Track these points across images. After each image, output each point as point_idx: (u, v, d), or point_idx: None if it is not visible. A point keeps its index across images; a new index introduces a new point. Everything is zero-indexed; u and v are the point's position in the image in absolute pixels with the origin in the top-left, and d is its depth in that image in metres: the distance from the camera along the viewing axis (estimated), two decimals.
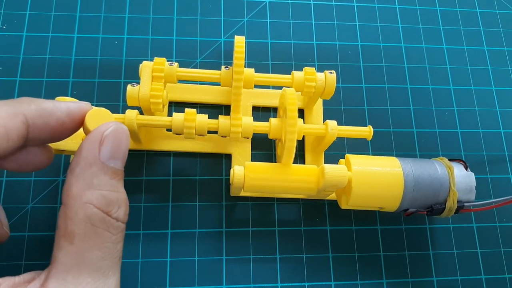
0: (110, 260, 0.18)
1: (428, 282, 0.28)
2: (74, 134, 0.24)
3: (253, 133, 0.26)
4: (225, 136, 0.26)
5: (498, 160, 0.32)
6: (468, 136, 0.32)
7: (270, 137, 0.26)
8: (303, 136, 0.31)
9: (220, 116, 0.26)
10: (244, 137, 0.26)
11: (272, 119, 0.26)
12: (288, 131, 0.23)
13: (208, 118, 0.26)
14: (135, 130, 0.25)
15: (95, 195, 0.18)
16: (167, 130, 0.29)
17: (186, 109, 0.25)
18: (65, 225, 0.18)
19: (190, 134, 0.25)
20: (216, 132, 0.26)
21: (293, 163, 0.29)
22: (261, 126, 0.26)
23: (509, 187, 0.31)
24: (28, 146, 0.20)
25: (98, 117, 0.20)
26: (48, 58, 0.30)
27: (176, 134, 0.26)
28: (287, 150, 0.24)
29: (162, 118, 0.26)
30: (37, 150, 0.21)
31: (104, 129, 0.19)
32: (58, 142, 0.25)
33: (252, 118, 0.26)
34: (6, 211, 0.23)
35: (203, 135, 0.26)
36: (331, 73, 0.27)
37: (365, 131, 0.27)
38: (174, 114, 0.25)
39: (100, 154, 0.19)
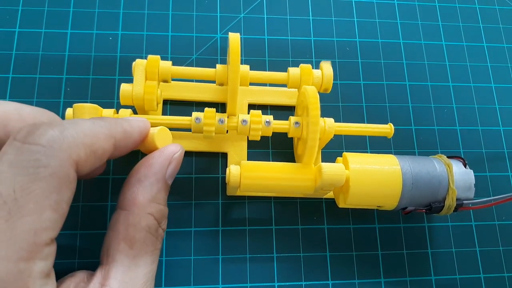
0: (156, 264, 0.21)
1: (426, 281, 0.28)
2: None
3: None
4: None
5: (497, 158, 0.31)
6: (467, 133, 0.32)
7: (289, 135, 0.26)
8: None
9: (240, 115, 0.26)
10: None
11: (292, 118, 0.26)
12: (310, 131, 0.23)
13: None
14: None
15: (156, 208, 0.21)
16: None
17: (207, 108, 0.26)
18: (126, 230, 0.20)
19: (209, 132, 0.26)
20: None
21: (290, 161, 0.29)
22: (281, 125, 0.26)
23: (508, 185, 0.31)
24: None
25: (163, 136, 0.23)
26: (41, 54, 0.30)
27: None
28: (309, 150, 0.24)
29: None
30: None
31: (174, 151, 0.22)
32: None
33: (272, 116, 0.26)
34: None
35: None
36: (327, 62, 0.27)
37: (386, 129, 0.27)
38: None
39: (167, 173, 0.22)
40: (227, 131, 0.26)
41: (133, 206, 0.20)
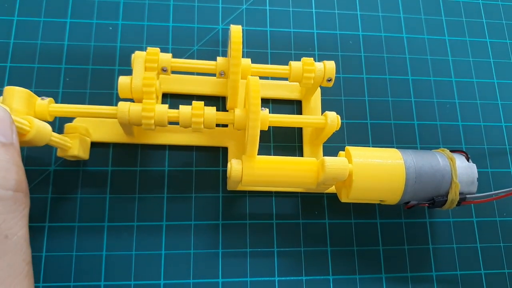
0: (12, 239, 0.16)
1: (427, 277, 0.28)
2: (80, 140, 0.25)
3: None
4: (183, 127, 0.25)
5: (499, 154, 0.31)
6: (470, 129, 0.31)
7: (235, 128, 0.25)
8: (301, 128, 0.30)
9: (181, 106, 0.25)
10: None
11: (236, 110, 0.25)
12: (251, 119, 0.22)
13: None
14: (126, 123, 0.24)
15: None
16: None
17: (144, 100, 0.24)
18: None
19: (149, 125, 0.24)
20: (177, 123, 0.25)
21: (292, 155, 0.29)
22: (225, 118, 0.25)
23: (509, 180, 0.31)
24: None
25: None
26: (40, 44, 0.29)
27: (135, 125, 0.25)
28: (251, 141, 0.23)
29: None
30: None
31: None
32: (71, 148, 0.25)
33: (215, 108, 0.25)
34: None
35: (163, 126, 0.25)
36: None
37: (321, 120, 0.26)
38: (131, 104, 0.24)
39: None
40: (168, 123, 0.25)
41: None
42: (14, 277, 0.16)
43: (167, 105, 0.25)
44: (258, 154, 0.26)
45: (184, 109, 0.25)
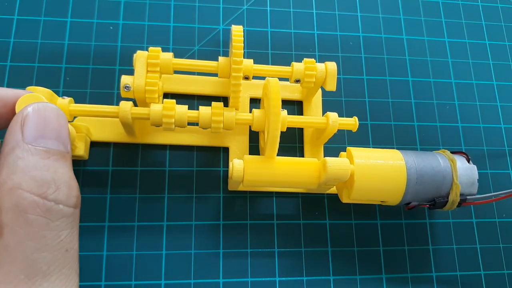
0: (50, 252, 0.16)
1: (427, 277, 0.28)
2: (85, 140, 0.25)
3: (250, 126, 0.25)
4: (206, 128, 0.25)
5: (498, 155, 0.31)
6: (469, 130, 0.32)
7: (253, 129, 0.26)
8: (302, 129, 0.30)
9: (200, 107, 0.25)
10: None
11: (255, 111, 0.25)
12: (272, 120, 0.23)
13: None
14: (129, 123, 0.24)
15: (23, 178, 0.16)
16: None
17: (165, 100, 0.24)
18: None
19: (169, 124, 0.24)
20: (197, 124, 0.25)
21: (293, 156, 0.29)
22: (244, 118, 0.25)
23: (509, 182, 0.31)
24: None
25: (28, 102, 0.19)
26: (40, 43, 0.29)
27: (155, 125, 0.25)
28: (271, 142, 0.23)
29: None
30: None
31: (24, 110, 0.17)
32: (77, 148, 0.25)
33: (234, 109, 0.25)
34: None
35: (183, 127, 0.25)
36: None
37: (350, 122, 0.26)
38: (152, 105, 0.24)
39: (24, 136, 0.17)
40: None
41: None
42: None
43: (186, 106, 0.25)
44: (258, 155, 0.26)
45: (204, 110, 0.25)
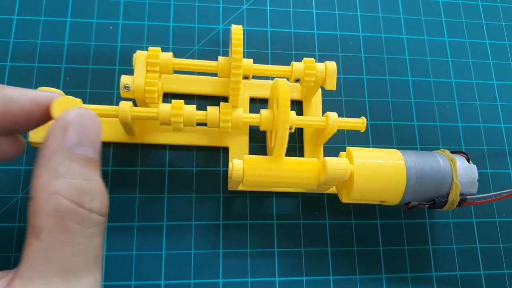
0: (83, 257, 0.17)
1: (427, 277, 0.28)
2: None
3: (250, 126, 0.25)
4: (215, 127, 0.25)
5: (498, 155, 0.31)
6: (469, 130, 0.32)
7: (261, 129, 0.26)
8: (302, 129, 0.30)
9: (208, 107, 0.25)
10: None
11: (262, 111, 0.25)
12: (281, 120, 0.23)
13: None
14: (129, 123, 0.24)
15: (63, 185, 0.16)
16: None
17: (173, 100, 0.25)
18: (33, 220, 0.16)
19: (178, 124, 0.24)
20: (205, 124, 0.25)
21: (292, 156, 0.29)
22: (252, 118, 0.25)
23: (509, 181, 0.31)
24: None
25: (65, 105, 0.19)
26: (40, 43, 0.29)
27: (164, 124, 0.25)
28: (279, 142, 0.23)
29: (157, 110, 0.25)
30: (3, 140, 0.20)
31: (67, 115, 0.18)
32: (34, 135, 0.25)
33: (242, 109, 0.25)
34: None
35: (192, 126, 0.25)
36: None
37: (359, 123, 0.26)
38: (161, 105, 0.24)
39: (66, 141, 0.17)
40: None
41: (34, 191, 0.17)
42: None
43: (194, 106, 0.25)
44: (258, 154, 0.26)
45: (212, 110, 0.25)
